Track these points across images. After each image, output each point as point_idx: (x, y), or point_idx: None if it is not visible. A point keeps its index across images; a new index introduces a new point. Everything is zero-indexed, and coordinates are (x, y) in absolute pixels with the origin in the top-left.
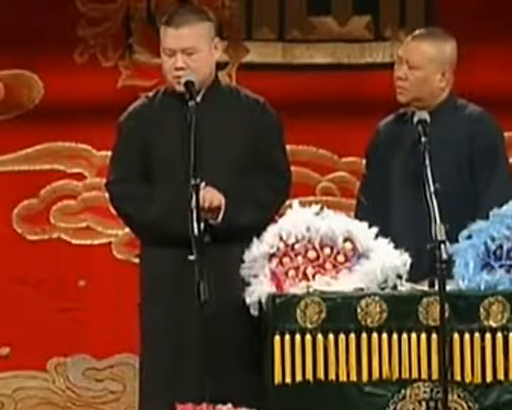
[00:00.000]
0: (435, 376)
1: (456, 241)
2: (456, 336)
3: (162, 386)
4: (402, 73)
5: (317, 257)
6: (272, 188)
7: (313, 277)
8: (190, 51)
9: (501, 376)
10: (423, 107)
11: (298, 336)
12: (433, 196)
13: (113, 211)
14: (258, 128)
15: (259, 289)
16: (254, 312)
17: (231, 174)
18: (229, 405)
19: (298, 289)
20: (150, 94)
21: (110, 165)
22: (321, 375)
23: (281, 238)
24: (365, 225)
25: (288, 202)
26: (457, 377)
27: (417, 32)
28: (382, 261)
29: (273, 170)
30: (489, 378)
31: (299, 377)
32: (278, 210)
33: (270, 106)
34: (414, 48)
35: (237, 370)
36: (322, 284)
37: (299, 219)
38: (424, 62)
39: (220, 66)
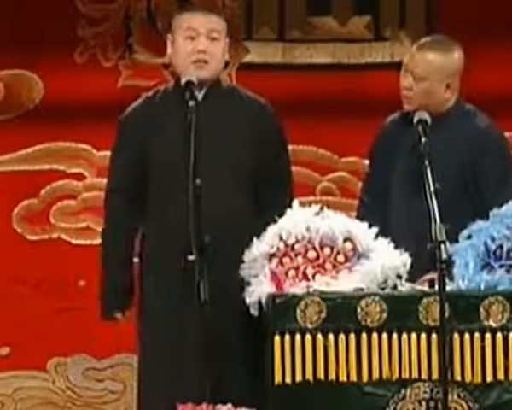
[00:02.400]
0: (435, 376)
1: (456, 241)
2: (456, 336)
3: (162, 386)
4: (407, 83)
5: (317, 257)
6: (277, 205)
7: (313, 277)
8: (215, 36)
9: (501, 376)
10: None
11: (298, 336)
12: (433, 197)
13: None
14: (260, 130)
15: (259, 289)
16: (254, 312)
17: (232, 176)
18: (229, 405)
19: (298, 289)
20: (150, 94)
21: (109, 168)
22: (321, 375)
23: (281, 238)
24: (365, 225)
25: None
26: (457, 377)
27: (423, 41)
28: (382, 261)
29: (278, 180)
30: (489, 378)
31: (299, 377)
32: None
33: (271, 107)
34: (419, 59)
35: (237, 370)
36: (322, 284)
37: (299, 219)
38: (429, 74)
39: None
